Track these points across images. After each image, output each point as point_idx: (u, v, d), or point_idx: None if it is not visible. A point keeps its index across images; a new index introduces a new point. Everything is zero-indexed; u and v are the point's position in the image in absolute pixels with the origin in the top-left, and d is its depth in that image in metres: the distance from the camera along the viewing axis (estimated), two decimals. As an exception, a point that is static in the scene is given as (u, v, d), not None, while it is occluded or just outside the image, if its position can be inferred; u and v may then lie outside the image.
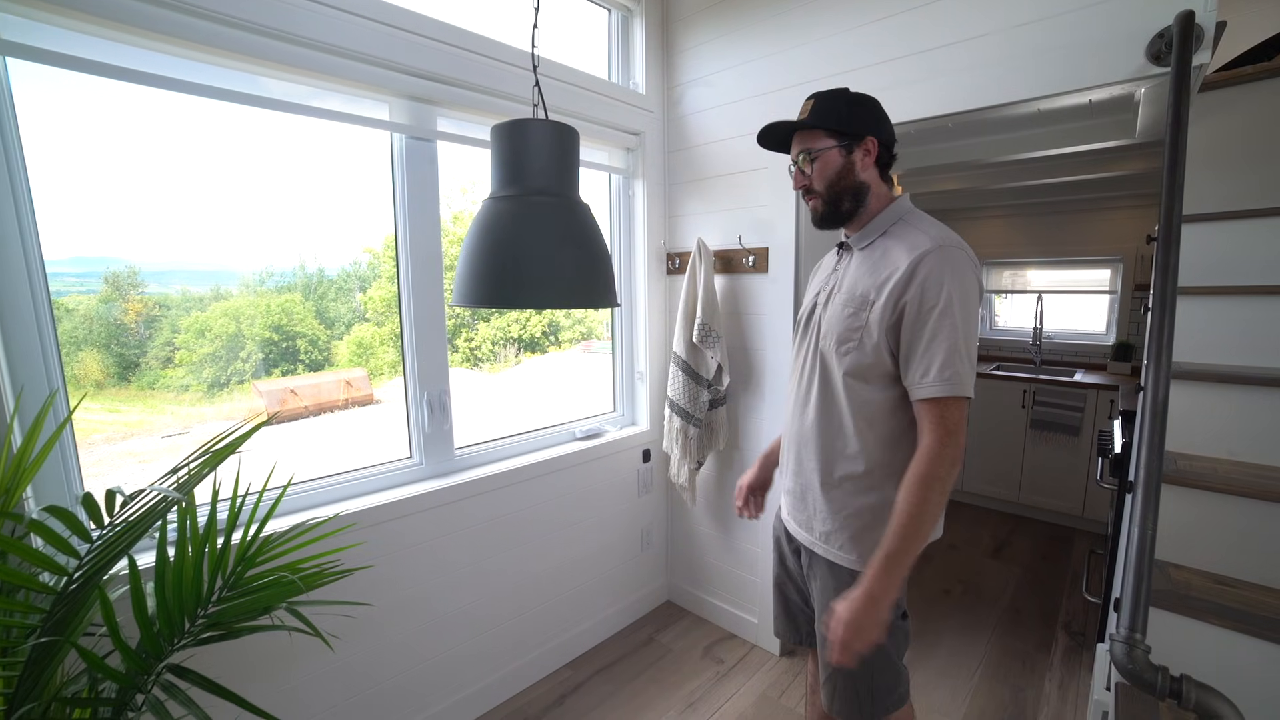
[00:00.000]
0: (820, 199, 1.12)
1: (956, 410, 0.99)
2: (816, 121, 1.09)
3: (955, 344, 0.97)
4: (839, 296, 1.13)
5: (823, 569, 1.17)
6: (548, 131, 0.97)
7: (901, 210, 1.12)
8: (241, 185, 1.50)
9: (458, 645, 1.79)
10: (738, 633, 2.29)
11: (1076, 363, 3.74)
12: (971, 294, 1.01)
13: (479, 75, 1.69)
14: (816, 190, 1.12)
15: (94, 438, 1.39)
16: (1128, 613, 0.80)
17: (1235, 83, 1.72)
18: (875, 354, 1.05)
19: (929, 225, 1.08)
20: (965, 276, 1.00)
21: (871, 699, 1.14)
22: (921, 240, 1.03)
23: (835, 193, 1.11)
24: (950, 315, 0.98)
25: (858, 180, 1.11)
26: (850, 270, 1.14)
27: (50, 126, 1.19)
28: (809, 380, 1.17)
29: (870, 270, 1.09)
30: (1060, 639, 2.27)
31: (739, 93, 2.06)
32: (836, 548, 1.13)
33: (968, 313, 0.99)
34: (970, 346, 0.99)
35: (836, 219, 1.14)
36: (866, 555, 1.09)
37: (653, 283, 2.35)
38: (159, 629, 0.92)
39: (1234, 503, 1.27)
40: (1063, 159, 2.70)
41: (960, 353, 0.98)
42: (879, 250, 1.10)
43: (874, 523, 1.10)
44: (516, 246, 0.90)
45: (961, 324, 0.98)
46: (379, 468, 1.68)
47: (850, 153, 1.10)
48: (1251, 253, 1.60)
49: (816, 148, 1.10)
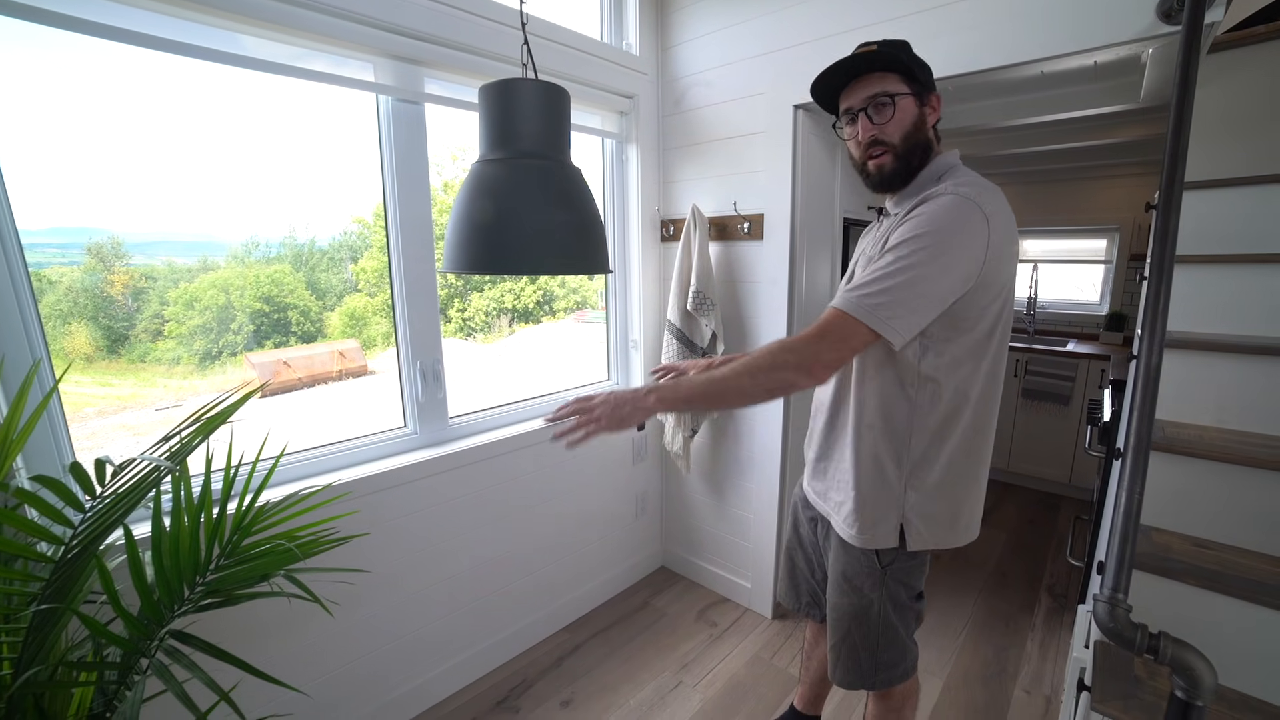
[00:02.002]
0: (893, 154, 0.98)
1: (845, 323, 0.89)
2: (893, 61, 0.95)
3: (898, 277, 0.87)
4: (862, 265, 1.07)
5: (835, 542, 1.17)
6: (537, 92, 0.94)
7: (941, 168, 1.00)
8: (226, 153, 1.45)
9: (456, 610, 1.83)
10: (731, 597, 2.35)
11: (1069, 332, 3.76)
12: (954, 245, 0.88)
13: (466, 34, 1.63)
14: (890, 142, 0.98)
15: (86, 411, 1.38)
16: (1111, 573, 0.82)
17: (1247, 43, 1.67)
18: None
19: (964, 179, 0.95)
20: (958, 225, 0.88)
21: (874, 670, 1.16)
22: (942, 190, 0.93)
23: (910, 146, 0.98)
24: (905, 247, 0.88)
25: (927, 137, 1.00)
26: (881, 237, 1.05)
27: (21, 88, 1.14)
28: None
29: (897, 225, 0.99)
30: (1043, 601, 2.34)
31: (736, 54, 2.00)
32: (841, 520, 1.12)
33: (931, 256, 0.88)
34: (910, 287, 0.88)
35: (904, 178, 1.00)
36: (866, 533, 1.08)
37: (647, 250, 2.32)
38: (159, 596, 0.93)
39: (1216, 468, 1.29)
40: (1064, 124, 2.65)
41: (890, 286, 0.88)
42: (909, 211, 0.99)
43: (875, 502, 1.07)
44: (507, 210, 0.88)
45: (913, 263, 0.87)
46: (374, 437, 1.68)
47: (922, 104, 0.99)
48: (1244, 221, 1.59)
49: (894, 90, 0.96)
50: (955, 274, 0.90)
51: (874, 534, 1.08)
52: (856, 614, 1.15)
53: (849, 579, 1.14)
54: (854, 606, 1.14)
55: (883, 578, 1.11)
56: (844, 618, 1.16)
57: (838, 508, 1.14)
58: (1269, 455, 1.25)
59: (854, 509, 1.09)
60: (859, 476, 1.09)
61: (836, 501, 1.14)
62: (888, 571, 1.11)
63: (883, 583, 1.12)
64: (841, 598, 1.16)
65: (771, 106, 1.91)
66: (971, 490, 1.08)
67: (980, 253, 0.90)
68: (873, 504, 1.08)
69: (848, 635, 1.17)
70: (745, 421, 2.19)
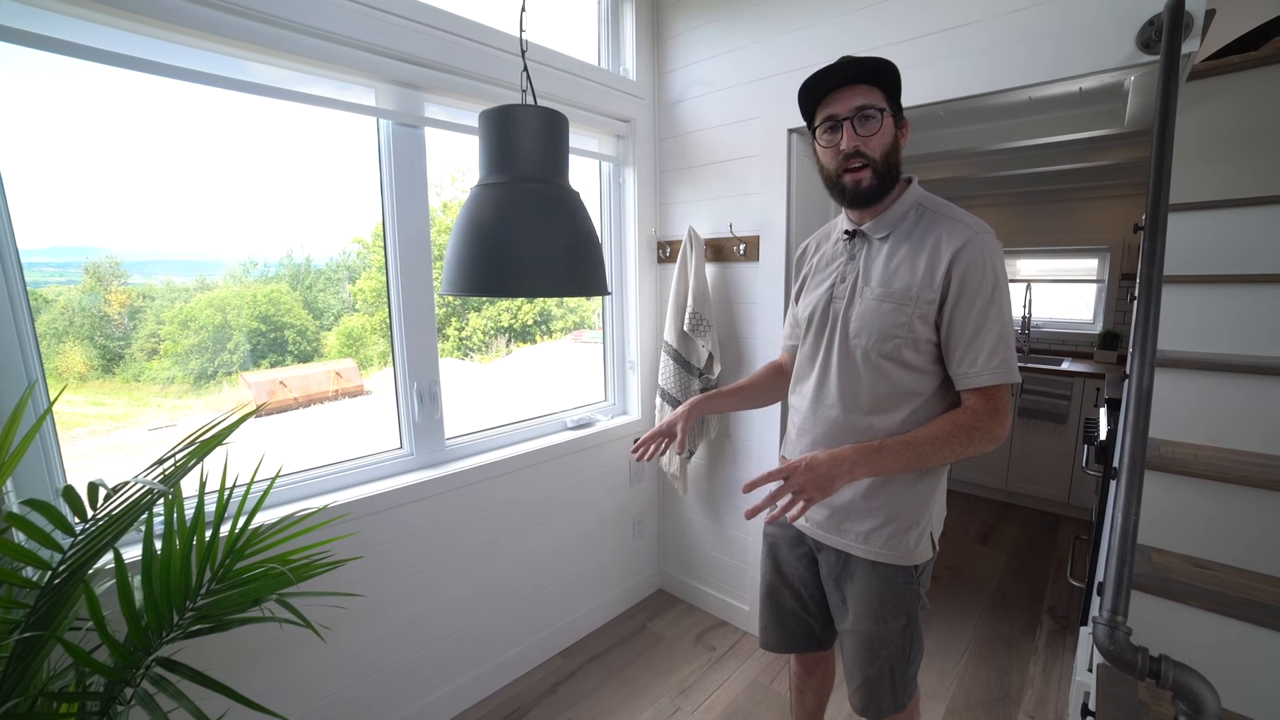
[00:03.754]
0: (873, 170, 1.00)
1: (1004, 394, 1.00)
2: (882, 78, 0.98)
3: (1003, 330, 0.98)
4: (870, 291, 1.05)
5: (864, 570, 1.12)
6: (536, 117, 0.95)
7: (916, 194, 1.06)
8: (227, 173, 1.47)
9: (450, 635, 1.80)
10: (729, 620, 2.32)
11: (1064, 351, 3.79)
12: (1006, 280, 1.00)
13: (467, 60, 1.67)
14: (872, 157, 0.99)
15: (78, 431, 1.36)
16: (1110, 595, 0.82)
17: (1223, 72, 1.73)
18: (919, 347, 1.02)
19: (956, 210, 1.03)
20: (1001, 263, 1.00)
21: (904, 688, 1.14)
22: (958, 227, 0.99)
23: (888, 164, 1.01)
24: (996, 303, 0.97)
25: (899, 158, 1.03)
26: (877, 262, 1.06)
27: (24, 110, 1.15)
28: (836, 378, 1.10)
29: (908, 261, 1.02)
30: (1045, 623, 2.31)
31: (730, 79, 2.04)
32: (880, 545, 1.09)
33: (1007, 299, 0.99)
34: (1012, 331, 1.00)
35: (879, 195, 1.03)
36: (911, 550, 1.07)
37: (644, 271, 2.34)
38: (147, 622, 0.91)
39: (1214, 488, 1.30)
40: (1053, 148, 2.71)
41: (1008, 339, 0.98)
42: (911, 239, 1.03)
43: (917, 515, 1.07)
44: (505, 234, 0.89)
45: (1008, 311, 0.99)
46: (369, 458, 1.67)
47: (898, 126, 1.03)
48: (1237, 242, 1.62)
49: (883, 107, 0.98)
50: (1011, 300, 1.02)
51: (917, 550, 1.09)
52: (894, 637, 1.11)
53: (885, 603, 1.10)
54: (893, 630, 1.11)
55: (918, 589, 1.11)
56: (882, 644, 1.12)
57: (866, 536, 1.10)
58: (1264, 474, 1.25)
59: (897, 530, 1.08)
60: (898, 497, 1.08)
61: (863, 530, 1.10)
62: (920, 581, 1.11)
63: (918, 594, 1.11)
64: (879, 625, 1.11)
65: (766, 130, 1.95)
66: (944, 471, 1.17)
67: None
68: (910, 521, 1.08)
69: (885, 663, 1.12)
70: (742, 442, 2.19)
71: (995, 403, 0.99)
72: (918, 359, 1.03)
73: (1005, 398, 0.99)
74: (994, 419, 0.98)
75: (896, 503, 1.08)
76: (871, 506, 1.09)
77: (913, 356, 1.03)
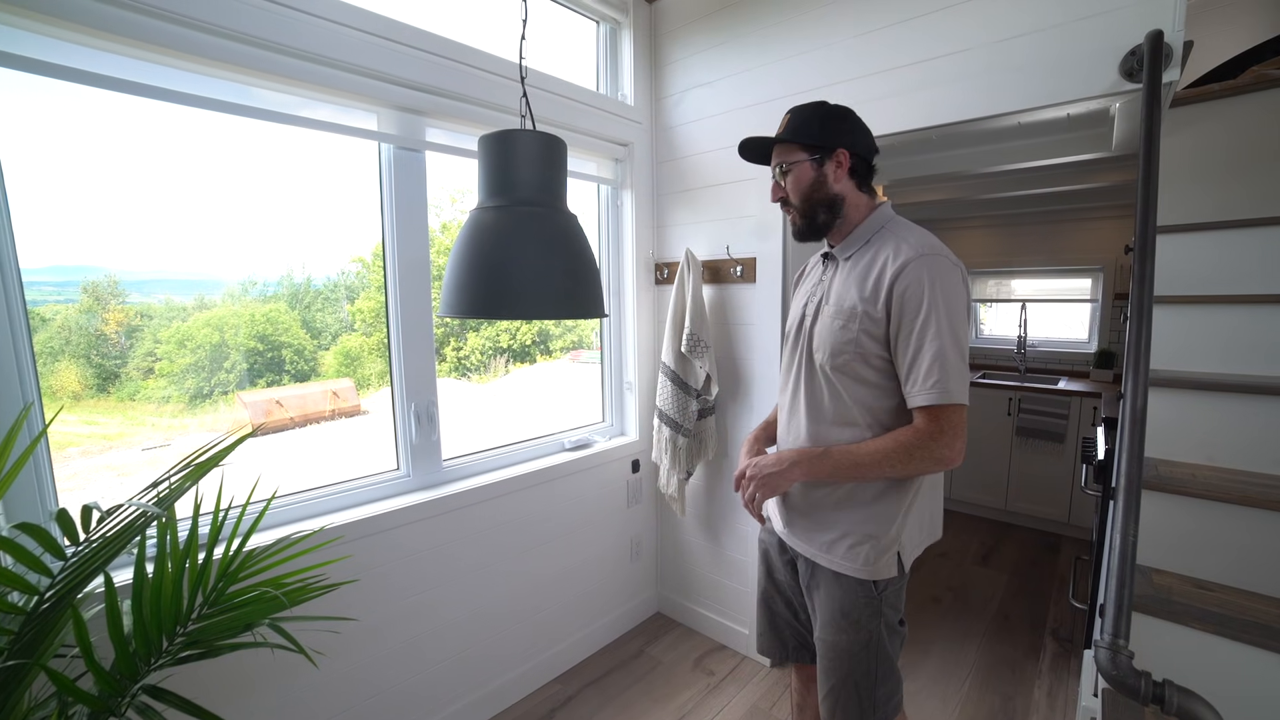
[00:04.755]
0: (796, 212, 1.14)
1: (951, 415, 1.00)
2: (789, 135, 1.12)
3: (940, 352, 0.99)
4: (828, 309, 1.13)
5: (827, 580, 1.15)
6: (535, 142, 0.97)
7: (884, 219, 1.13)
8: (227, 193, 1.48)
9: (445, 660, 1.77)
10: (728, 644, 2.28)
11: (1060, 370, 3.80)
12: (956, 299, 1.01)
13: (468, 86, 1.70)
14: (792, 203, 1.14)
15: (70, 451, 1.35)
16: (1111, 619, 0.81)
17: (1205, 99, 1.77)
18: (870, 362, 1.07)
19: (911, 233, 1.08)
20: (949, 283, 1.01)
21: (874, 707, 1.14)
22: (903, 249, 1.05)
23: (809, 205, 1.12)
24: (933, 323, 0.99)
25: (831, 193, 1.12)
26: (837, 281, 1.15)
27: (26, 131, 1.17)
28: (804, 391, 1.17)
29: (857, 281, 1.09)
30: (1049, 645, 2.28)
31: (727, 104, 2.08)
32: (839, 556, 1.12)
33: (953, 318, 1.00)
34: (959, 352, 1.00)
35: (813, 231, 1.15)
36: (871, 565, 1.09)
37: (641, 293, 2.35)
38: (135, 648, 0.89)
39: (1213, 508, 1.29)
40: (1043, 170, 2.76)
41: (947, 361, 0.99)
42: (864, 260, 1.10)
43: (878, 531, 1.10)
44: (503, 257, 0.90)
45: (948, 331, 0.99)
46: (366, 480, 1.66)
47: (822, 165, 1.11)
48: (1232, 263, 1.64)
49: (790, 161, 1.12)
50: (963, 319, 1.03)
51: (877, 565, 1.10)
52: (856, 650, 1.13)
53: (847, 614, 1.13)
54: (853, 643, 1.13)
55: (880, 606, 1.12)
56: (844, 656, 1.14)
57: (829, 546, 1.14)
58: (1263, 494, 1.25)
59: (856, 542, 1.11)
60: (860, 510, 1.11)
61: (827, 540, 1.14)
62: (883, 598, 1.12)
63: (880, 611, 1.12)
64: (840, 635, 1.14)
65: (761, 154, 1.98)
66: (937, 491, 1.21)
67: (967, 293, 1.05)
68: (867, 535, 1.10)
69: (848, 676, 1.14)
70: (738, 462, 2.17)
71: (940, 423, 1.00)
72: (872, 374, 1.08)
73: (952, 419, 1.00)
74: (937, 439, 1.00)
75: (857, 517, 1.12)
76: (834, 519, 1.14)
77: (866, 371, 1.08)
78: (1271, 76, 1.67)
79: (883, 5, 1.67)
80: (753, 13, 1.97)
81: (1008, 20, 1.47)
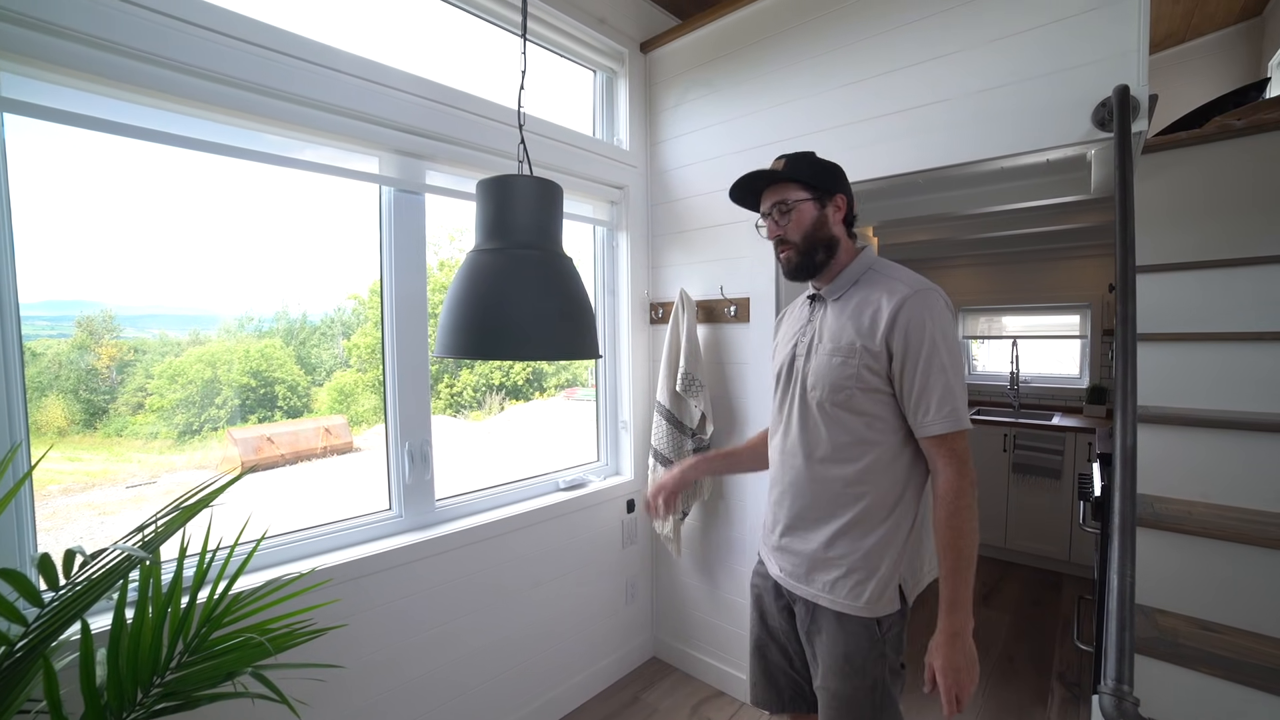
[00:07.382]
0: (795, 249, 1.16)
1: (961, 440, 1.05)
2: (792, 174, 1.15)
3: (948, 382, 1.03)
4: (823, 347, 1.15)
5: (829, 623, 1.13)
6: (532, 187, 1.00)
7: (870, 260, 1.17)
8: (227, 230, 1.50)
9: (434, 708, 1.70)
10: (726, 690, 2.21)
11: (1054, 406, 3.82)
12: (951, 331, 1.07)
13: (467, 131, 1.76)
14: (792, 241, 1.16)
15: (50, 489, 1.32)
16: (1113, 664, 0.80)
17: (1177, 146, 1.85)
18: (871, 397, 1.09)
19: (901, 272, 1.13)
20: (943, 316, 1.06)
21: None
22: (898, 286, 1.09)
23: (810, 244, 1.15)
24: (938, 355, 1.03)
25: (830, 233, 1.16)
26: (829, 321, 1.16)
27: (28, 169, 1.18)
28: (797, 429, 1.17)
29: (853, 318, 1.12)
30: (1056, 690, 2.22)
31: (719, 149, 2.15)
32: (843, 596, 1.11)
33: (951, 349, 1.05)
34: (960, 380, 1.05)
35: (809, 270, 1.17)
36: (874, 601, 1.08)
37: (636, 332, 2.37)
38: (106, 701, 0.86)
39: (1213, 546, 1.29)
40: (1026, 212, 2.84)
41: (953, 389, 1.03)
42: (856, 299, 1.13)
43: (879, 565, 1.09)
44: (499, 299, 0.91)
45: (949, 362, 1.04)
46: (357, 520, 1.63)
47: (824, 206, 1.15)
48: (1216, 300, 1.68)
49: (792, 199, 1.15)
50: (959, 349, 1.08)
51: (880, 601, 1.09)
52: (861, 698, 1.09)
53: (850, 660, 1.10)
54: (857, 690, 1.09)
55: (883, 649, 1.10)
56: (847, 705, 1.10)
57: (831, 585, 1.12)
58: (1260, 532, 1.25)
59: (860, 580, 1.09)
60: (860, 546, 1.10)
61: (829, 580, 1.12)
62: (886, 640, 1.10)
63: (884, 654, 1.10)
64: (843, 683, 1.10)
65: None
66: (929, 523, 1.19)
67: (956, 326, 1.03)
68: (870, 570, 1.09)
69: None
70: (735, 499, 2.16)
71: (956, 454, 1.05)
72: (872, 407, 1.09)
73: (963, 445, 1.05)
74: (961, 470, 1.04)
75: (857, 554, 1.11)
76: (832, 556, 1.13)
77: (867, 404, 1.09)
78: (1234, 127, 1.75)
79: (871, 56, 1.75)
80: (745, 62, 2.06)
81: (989, 72, 1.54)
